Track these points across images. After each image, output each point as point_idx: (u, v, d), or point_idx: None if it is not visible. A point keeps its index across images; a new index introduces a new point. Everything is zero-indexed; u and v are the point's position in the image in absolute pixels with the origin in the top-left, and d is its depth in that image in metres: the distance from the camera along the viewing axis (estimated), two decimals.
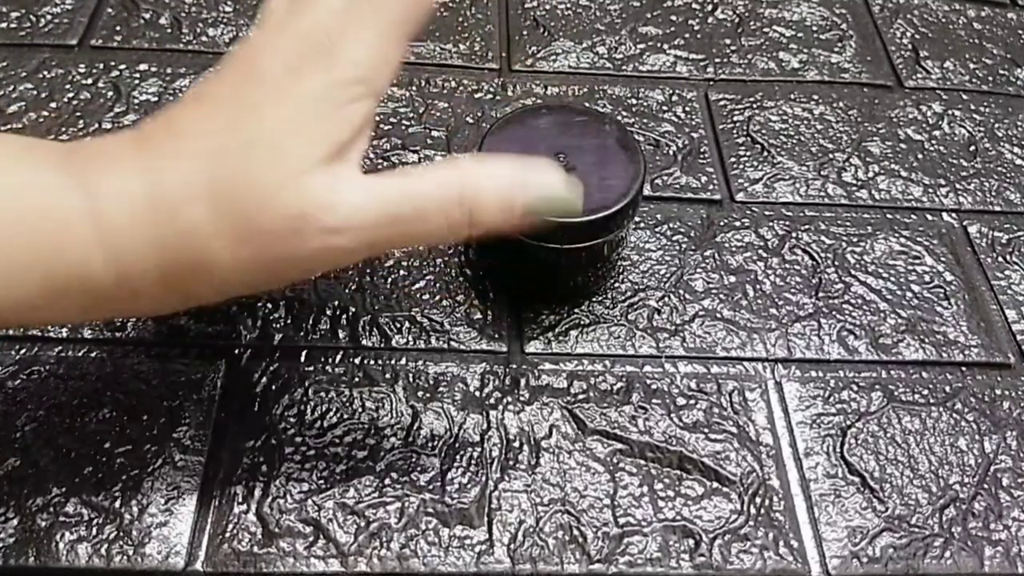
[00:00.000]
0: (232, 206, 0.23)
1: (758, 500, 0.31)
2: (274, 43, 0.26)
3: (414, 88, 0.43)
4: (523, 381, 0.33)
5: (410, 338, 0.34)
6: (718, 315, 0.36)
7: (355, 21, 0.25)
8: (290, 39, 0.25)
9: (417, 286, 0.36)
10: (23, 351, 0.32)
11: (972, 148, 0.44)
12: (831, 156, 0.43)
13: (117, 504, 0.29)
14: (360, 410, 0.32)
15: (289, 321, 0.34)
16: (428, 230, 0.25)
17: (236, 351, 0.33)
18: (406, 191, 0.25)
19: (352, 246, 0.25)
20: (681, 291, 0.37)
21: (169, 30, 0.44)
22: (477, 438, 0.32)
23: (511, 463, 0.31)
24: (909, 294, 0.38)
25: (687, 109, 0.44)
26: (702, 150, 0.42)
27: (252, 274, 0.25)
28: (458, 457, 0.31)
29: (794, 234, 0.39)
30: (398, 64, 0.26)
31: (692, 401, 0.33)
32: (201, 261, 0.24)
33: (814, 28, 0.49)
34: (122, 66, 0.42)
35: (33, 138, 0.26)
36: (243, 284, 0.25)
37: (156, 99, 0.41)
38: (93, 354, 0.32)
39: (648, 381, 0.34)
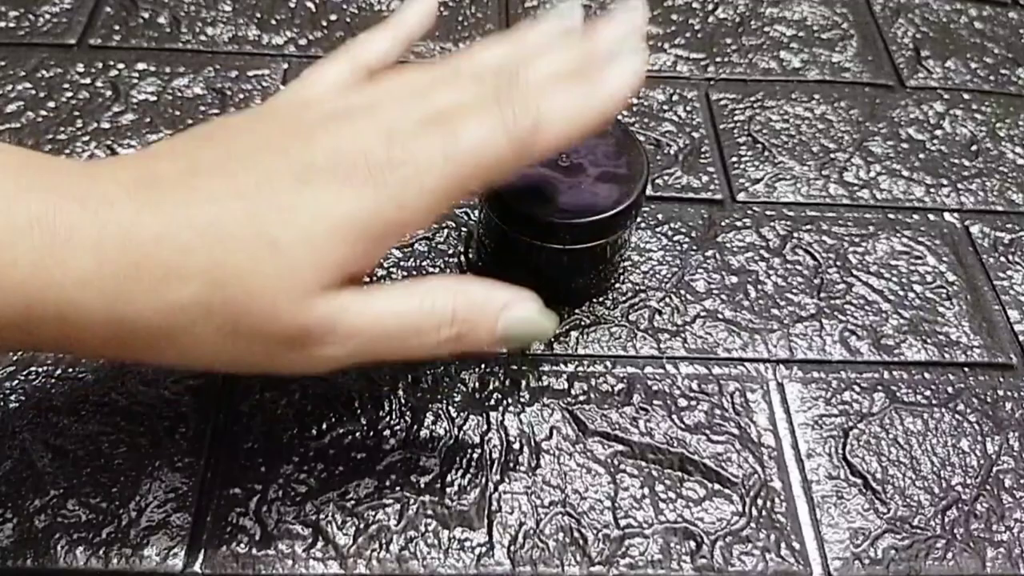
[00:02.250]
0: (225, 297, 0.22)
1: (760, 502, 0.31)
2: (341, 135, 0.24)
3: None
4: (523, 382, 0.33)
5: None
6: (719, 316, 0.36)
7: (422, 169, 0.24)
8: (356, 137, 0.24)
9: None
10: (20, 352, 0.32)
11: (974, 148, 0.44)
12: (832, 156, 0.43)
13: (115, 505, 0.29)
14: (359, 411, 0.32)
15: None
16: (420, 344, 0.25)
17: None
18: (403, 308, 0.25)
19: (340, 356, 0.24)
20: (682, 292, 0.37)
21: (168, 29, 0.44)
22: (477, 439, 0.31)
23: (511, 465, 0.31)
24: (911, 294, 0.37)
25: (688, 109, 0.44)
26: (703, 150, 0.42)
27: (219, 361, 0.24)
28: (458, 458, 0.31)
29: (796, 234, 0.39)
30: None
31: (693, 402, 0.33)
32: (167, 334, 0.23)
33: (815, 27, 0.49)
34: (120, 65, 0.42)
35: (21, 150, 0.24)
36: (202, 364, 0.24)
37: (155, 98, 0.41)
38: None
39: (649, 382, 0.34)
